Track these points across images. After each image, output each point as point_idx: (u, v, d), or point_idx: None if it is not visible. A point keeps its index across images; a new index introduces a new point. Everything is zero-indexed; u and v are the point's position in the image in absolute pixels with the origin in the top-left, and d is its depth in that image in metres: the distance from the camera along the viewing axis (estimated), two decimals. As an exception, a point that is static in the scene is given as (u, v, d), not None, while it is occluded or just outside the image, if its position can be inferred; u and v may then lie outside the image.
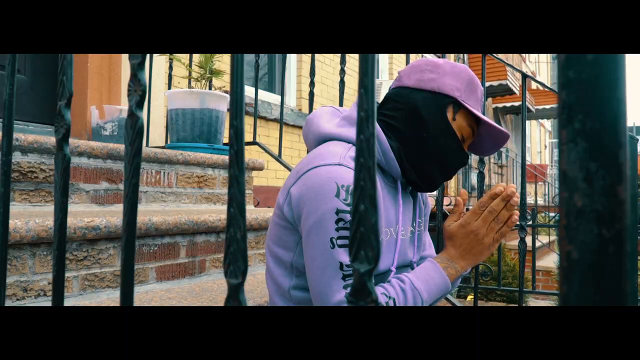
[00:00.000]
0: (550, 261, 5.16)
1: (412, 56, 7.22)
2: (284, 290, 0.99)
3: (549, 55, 18.96)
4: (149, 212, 1.50)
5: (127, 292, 0.50)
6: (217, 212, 1.62)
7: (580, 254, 0.29)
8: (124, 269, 0.51)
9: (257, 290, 1.41)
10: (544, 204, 9.51)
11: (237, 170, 0.44)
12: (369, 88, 0.38)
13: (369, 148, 0.38)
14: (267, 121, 4.21)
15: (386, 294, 0.91)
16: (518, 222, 1.60)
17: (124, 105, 2.62)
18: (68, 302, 1.16)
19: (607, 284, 0.29)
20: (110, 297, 1.24)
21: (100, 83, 2.60)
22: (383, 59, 6.73)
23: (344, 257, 0.87)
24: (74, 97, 2.74)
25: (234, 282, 0.45)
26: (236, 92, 0.45)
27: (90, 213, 1.40)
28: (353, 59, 5.49)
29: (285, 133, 4.40)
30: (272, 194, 4.23)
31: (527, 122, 15.39)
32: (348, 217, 0.87)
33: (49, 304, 1.13)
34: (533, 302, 3.84)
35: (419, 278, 0.95)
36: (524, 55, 13.60)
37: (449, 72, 1.01)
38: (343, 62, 2.01)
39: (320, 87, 5.01)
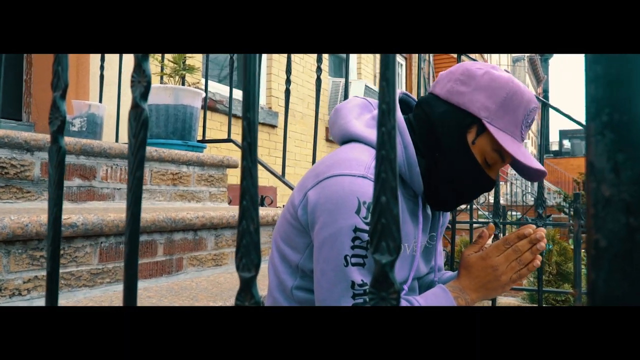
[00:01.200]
0: None
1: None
2: (287, 288, 0.95)
3: (510, 58, 19.44)
4: (123, 210, 1.47)
5: (130, 290, 0.49)
6: (193, 210, 1.60)
7: (608, 242, 0.30)
8: (128, 264, 0.50)
9: (237, 288, 1.39)
10: (505, 203, 9.75)
11: (251, 162, 0.44)
12: (390, 81, 0.38)
13: (391, 140, 0.38)
14: (237, 119, 4.17)
15: None
16: (492, 220, 1.63)
17: (93, 101, 2.55)
18: (42, 302, 1.12)
19: (634, 270, 0.30)
20: (87, 297, 1.21)
21: (68, 78, 2.53)
22: (352, 59, 6.77)
23: (356, 275, 0.82)
24: (38, 92, 2.66)
25: (246, 276, 0.45)
26: (249, 84, 0.45)
27: (63, 210, 1.35)
28: (324, 59, 5.51)
29: (255, 131, 4.37)
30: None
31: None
32: (365, 236, 0.83)
33: (23, 304, 1.09)
34: (502, 297, 3.94)
35: (428, 303, 0.91)
36: (485, 57, 13.90)
37: (483, 86, 0.91)
38: (320, 60, 2.01)
39: (292, 85, 5.00)
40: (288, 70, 2.07)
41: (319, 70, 2.03)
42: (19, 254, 1.09)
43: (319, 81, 2.03)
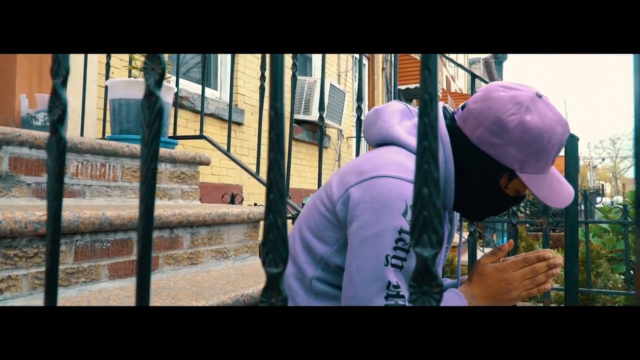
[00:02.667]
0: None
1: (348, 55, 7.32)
2: (306, 277, 0.95)
3: (467, 60, 19.87)
4: (100, 207, 1.42)
5: (143, 289, 0.47)
6: (168, 207, 1.56)
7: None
8: (141, 260, 0.47)
9: (217, 286, 1.37)
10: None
11: (278, 153, 0.43)
12: (432, 70, 0.38)
13: (433, 131, 0.38)
14: (208, 116, 4.11)
15: None
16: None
17: (57, 94, 2.46)
18: (17, 302, 1.07)
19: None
20: (62, 297, 1.16)
21: (30, 70, 2.41)
22: (317, 58, 6.76)
23: (392, 276, 0.83)
24: (-1, 84, 2.53)
25: (273, 271, 0.43)
26: (275, 73, 0.43)
27: (34, 207, 1.29)
28: (290, 57, 5.49)
29: (221, 128, 4.31)
30: (208, 189, 4.13)
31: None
32: (409, 239, 0.83)
33: (1, 303, 1.03)
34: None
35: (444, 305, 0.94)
36: (444, 60, 14.18)
37: (516, 140, 0.91)
38: (295, 57, 1.99)
39: (257, 83, 4.95)
40: (262, 67, 2.05)
41: (294, 66, 2.02)
42: (-9, 253, 1.03)
43: (294, 78, 2.01)
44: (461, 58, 17.97)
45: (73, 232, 1.19)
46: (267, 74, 1.87)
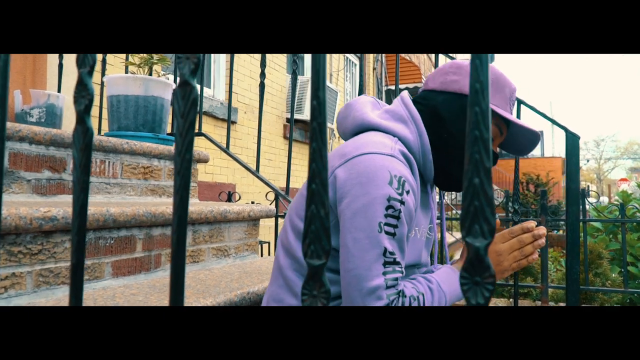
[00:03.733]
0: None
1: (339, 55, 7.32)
2: (303, 266, 0.97)
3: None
4: (102, 204, 1.40)
5: (178, 287, 0.46)
6: (169, 205, 1.54)
7: None
8: (176, 255, 0.46)
9: (222, 284, 1.36)
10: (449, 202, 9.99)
11: (321, 143, 0.42)
12: (483, 59, 0.37)
13: (484, 120, 0.37)
14: (207, 116, 4.08)
15: (416, 288, 0.92)
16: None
17: (52, 90, 2.42)
18: (22, 301, 1.05)
19: None
20: (66, 294, 1.14)
21: (24, 66, 2.38)
22: (308, 56, 6.75)
23: (387, 243, 0.87)
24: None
25: (315, 263, 0.42)
26: (318, 63, 0.43)
27: (34, 204, 1.27)
28: (272, 55, 5.47)
29: (214, 127, 4.29)
30: (202, 188, 4.11)
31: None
32: (398, 205, 0.89)
33: (1, 303, 1.01)
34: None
35: (444, 281, 0.96)
36: (432, 60, 14.24)
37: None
38: (296, 56, 1.98)
39: (249, 82, 4.93)
40: (262, 64, 2.04)
41: (294, 63, 2.01)
42: (-5, 250, 1.01)
43: (294, 76, 2.00)
44: (442, 59, 18.01)
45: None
46: (308, 64, 1.86)
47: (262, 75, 2.03)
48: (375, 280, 0.86)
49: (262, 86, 2.05)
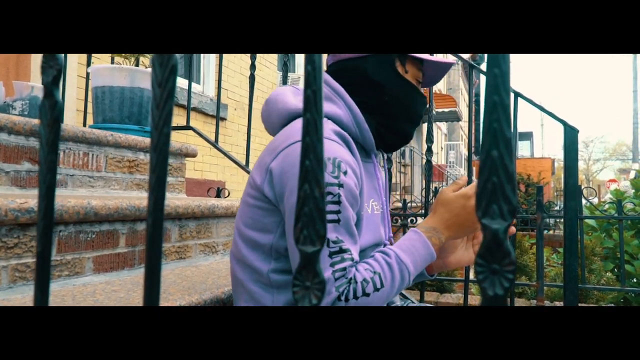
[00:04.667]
0: None
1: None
2: (262, 274, 0.92)
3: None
4: (84, 197, 1.34)
5: (153, 289, 0.41)
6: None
7: None
8: (150, 252, 0.42)
9: (209, 281, 1.30)
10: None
11: (316, 113, 0.37)
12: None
13: (504, 85, 0.32)
14: (195, 112, 4.02)
15: (370, 269, 0.86)
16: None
17: (36, 82, 2.35)
18: (-5, 297, 0.99)
19: None
20: (43, 291, 1.08)
21: (7, 57, 2.31)
22: (300, 54, 6.70)
23: (330, 233, 0.83)
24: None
25: (309, 250, 0.38)
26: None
27: (11, 196, 1.21)
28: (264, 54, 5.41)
29: (204, 123, 4.23)
30: (190, 185, 4.04)
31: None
32: (336, 189, 0.84)
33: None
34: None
35: (403, 250, 0.91)
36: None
37: None
38: (286, 56, 1.94)
39: (240, 78, 4.87)
40: (253, 55, 1.99)
41: (285, 66, 1.96)
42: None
43: (285, 66, 1.95)
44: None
45: (56, 222, 1.12)
46: (299, 61, 1.85)
47: (253, 67, 1.98)
48: (324, 273, 0.81)
49: (252, 78, 2.00)
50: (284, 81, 1.99)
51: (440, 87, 17.85)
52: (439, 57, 1.04)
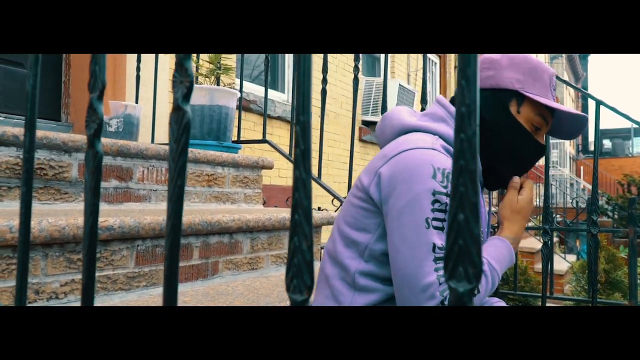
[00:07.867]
0: (558, 264, 4.72)
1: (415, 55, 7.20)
2: (349, 273, 0.95)
3: (547, 55, 18.94)
4: (162, 212, 1.45)
5: (171, 293, 0.45)
6: (228, 212, 1.57)
7: None
8: (169, 268, 0.46)
9: (274, 294, 1.36)
10: (541, 204, 9.43)
11: (304, 172, 0.40)
12: (471, 79, 0.33)
13: (471, 148, 0.33)
14: (270, 119, 4.16)
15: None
16: (541, 225, 1.55)
17: (129, 102, 2.56)
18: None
19: None
20: (123, 300, 1.19)
21: (105, 78, 2.54)
22: (383, 58, 6.67)
23: (437, 239, 0.85)
24: (76, 93, 2.68)
25: (297, 299, 0.40)
26: (303, 84, 0.40)
27: (100, 212, 1.34)
28: (348, 58, 5.44)
29: (288, 132, 4.35)
30: (274, 192, 4.17)
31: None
32: (444, 199, 0.87)
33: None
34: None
35: (493, 257, 0.96)
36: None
37: (506, 65, 1.01)
38: (357, 59, 1.96)
39: (321, 86, 4.95)
40: (324, 70, 2.03)
41: (356, 69, 1.98)
42: (56, 257, 1.07)
43: (356, 80, 1.98)
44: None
45: (134, 237, 1.22)
46: (297, 83, 1.86)
47: (324, 81, 2.02)
48: (427, 277, 0.83)
49: (323, 92, 2.04)
50: (355, 87, 2.01)
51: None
52: (562, 106, 1.01)
